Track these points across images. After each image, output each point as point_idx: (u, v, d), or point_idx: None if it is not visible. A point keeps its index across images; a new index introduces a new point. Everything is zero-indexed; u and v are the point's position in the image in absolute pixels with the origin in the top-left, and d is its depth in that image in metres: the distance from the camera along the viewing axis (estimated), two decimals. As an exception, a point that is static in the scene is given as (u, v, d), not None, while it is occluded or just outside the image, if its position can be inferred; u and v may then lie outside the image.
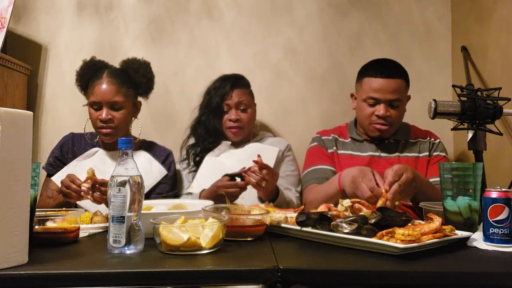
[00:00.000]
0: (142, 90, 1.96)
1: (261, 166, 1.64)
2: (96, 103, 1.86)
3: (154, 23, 2.48)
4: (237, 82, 2.10)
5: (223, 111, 2.06)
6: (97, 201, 1.51)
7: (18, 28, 2.47)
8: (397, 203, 1.42)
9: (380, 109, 1.83)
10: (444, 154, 1.93)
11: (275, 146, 2.06)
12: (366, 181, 1.46)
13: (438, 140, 1.95)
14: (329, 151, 1.96)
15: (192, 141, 2.17)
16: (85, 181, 1.52)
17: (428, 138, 1.95)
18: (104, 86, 1.86)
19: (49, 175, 1.96)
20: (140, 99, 1.99)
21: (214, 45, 2.47)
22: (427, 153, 1.91)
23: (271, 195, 1.75)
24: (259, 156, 1.69)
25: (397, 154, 1.91)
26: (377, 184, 1.45)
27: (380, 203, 1.38)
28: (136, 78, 1.93)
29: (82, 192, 1.51)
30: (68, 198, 1.58)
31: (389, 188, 1.41)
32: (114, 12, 2.48)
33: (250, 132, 2.14)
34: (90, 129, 1.97)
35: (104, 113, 1.84)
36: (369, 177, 1.48)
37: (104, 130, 1.86)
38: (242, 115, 2.06)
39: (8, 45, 2.34)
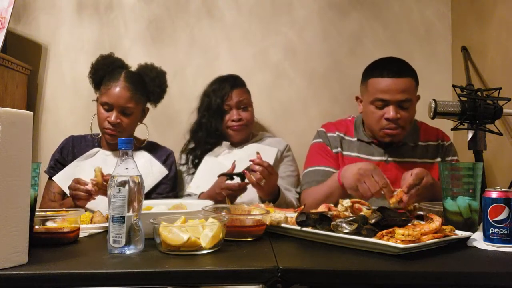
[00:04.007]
0: (153, 98, 1.98)
1: (257, 163, 1.64)
2: (108, 104, 1.86)
3: (154, 23, 2.48)
4: (235, 82, 2.11)
5: (224, 112, 2.07)
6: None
7: (18, 28, 2.47)
8: (417, 204, 1.42)
9: (390, 111, 1.70)
10: (456, 157, 1.85)
11: (274, 147, 2.06)
12: (377, 177, 1.43)
13: (449, 142, 1.86)
14: (334, 150, 1.87)
15: (192, 145, 2.16)
16: (93, 180, 1.54)
17: (439, 140, 1.86)
18: (120, 90, 1.86)
19: (51, 179, 1.96)
20: (148, 105, 2.00)
21: (214, 45, 2.47)
22: (439, 159, 1.82)
23: (272, 195, 1.73)
24: (258, 153, 1.69)
25: (406, 159, 1.82)
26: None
27: (393, 200, 1.38)
28: (150, 87, 1.94)
29: (91, 191, 1.55)
30: (77, 200, 1.60)
31: (407, 190, 1.40)
32: (114, 12, 2.48)
33: (250, 131, 2.14)
34: (95, 126, 1.97)
35: (113, 116, 1.85)
36: (379, 172, 1.45)
37: (109, 131, 1.87)
38: (243, 114, 2.06)
39: (8, 45, 2.34)
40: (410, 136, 1.85)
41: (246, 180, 1.67)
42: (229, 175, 1.70)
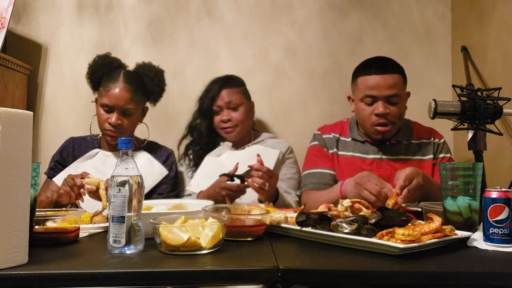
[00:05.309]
0: (153, 97, 1.98)
1: (256, 169, 1.64)
2: (108, 106, 1.86)
3: (154, 23, 2.48)
4: (225, 82, 2.10)
5: (214, 113, 2.07)
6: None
7: (18, 28, 2.47)
8: (403, 205, 1.43)
9: (379, 107, 1.76)
10: (449, 155, 1.87)
11: (276, 148, 2.05)
12: (374, 180, 1.46)
13: (442, 140, 1.89)
14: (330, 151, 1.91)
15: (188, 140, 2.18)
16: (89, 188, 1.54)
17: (432, 138, 1.89)
18: (120, 91, 1.85)
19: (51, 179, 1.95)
20: (147, 104, 2.00)
21: (214, 45, 2.47)
22: (431, 156, 1.85)
23: (271, 198, 1.73)
24: (258, 155, 1.69)
25: (399, 156, 1.85)
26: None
27: (392, 201, 1.39)
28: (149, 86, 1.94)
29: (82, 190, 1.54)
30: (64, 196, 1.58)
31: (400, 191, 1.41)
32: (114, 12, 2.48)
33: (247, 131, 2.12)
34: (94, 127, 1.97)
35: (114, 118, 1.84)
36: (375, 177, 1.48)
37: (110, 133, 1.87)
38: (233, 115, 2.05)
39: (8, 45, 2.34)
40: (404, 135, 1.88)
41: (246, 183, 1.68)
42: (230, 176, 1.71)
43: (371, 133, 1.84)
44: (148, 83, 1.93)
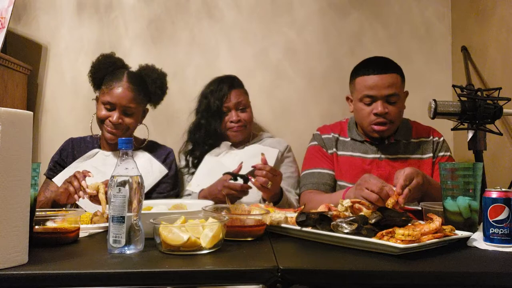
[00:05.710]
0: (154, 99, 1.99)
1: (259, 168, 1.64)
2: (110, 104, 1.87)
3: (154, 23, 2.48)
4: (233, 83, 2.10)
5: (223, 113, 2.06)
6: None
7: (18, 28, 2.47)
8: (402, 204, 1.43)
9: (378, 106, 1.77)
10: (449, 153, 1.87)
11: (275, 147, 2.05)
12: (375, 180, 1.47)
13: (441, 139, 1.89)
14: (329, 151, 1.92)
15: (190, 146, 2.17)
16: (90, 192, 1.53)
17: (431, 137, 1.88)
18: (123, 90, 1.86)
19: (50, 179, 1.95)
20: (148, 106, 2.01)
21: (214, 45, 2.47)
22: (431, 154, 1.85)
23: (276, 197, 1.73)
24: (263, 154, 1.69)
25: (399, 156, 1.85)
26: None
27: (392, 201, 1.39)
28: (151, 88, 1.95)
29: (81, 192, 1.53)
30: (62, 194, 1.58)
31: (401, 191, 1.42)
32: (114, 12, 2.48)
33: (250, 131, 2.14)
34: (95, 127, 1.97)
35: (115, 116, 1.86)
36: (375, 177, 1.49)
37: (110, 129, 1.88)
38: (242, 115, 2.06)
39: (8, 45, 2.34)
40: (403, 134, 1.88)
41: (249, 183, 1.68)
42: (234, 175, 1.70)
43: (369, 132, 1.84)
44: (150, 85, 1.94)
